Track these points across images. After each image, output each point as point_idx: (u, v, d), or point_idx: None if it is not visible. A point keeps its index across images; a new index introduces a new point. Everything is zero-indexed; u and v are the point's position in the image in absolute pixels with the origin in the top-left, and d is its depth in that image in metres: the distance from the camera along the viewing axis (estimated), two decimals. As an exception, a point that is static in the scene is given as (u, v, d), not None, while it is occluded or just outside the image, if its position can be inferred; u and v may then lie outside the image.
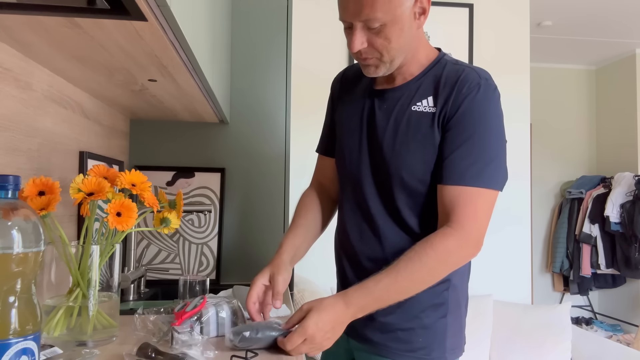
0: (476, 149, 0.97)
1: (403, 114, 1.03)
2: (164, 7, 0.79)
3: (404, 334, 1.05)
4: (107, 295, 1.03)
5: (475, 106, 0.97)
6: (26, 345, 0.66)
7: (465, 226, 0.96)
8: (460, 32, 2.86)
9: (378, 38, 0.96)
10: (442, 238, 0.95)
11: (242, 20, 2.01)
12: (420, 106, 1.02)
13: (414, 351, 1.04)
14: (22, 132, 1.12)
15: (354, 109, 1.13)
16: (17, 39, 1.00)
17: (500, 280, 2.83)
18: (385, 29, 0.95)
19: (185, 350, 0.91)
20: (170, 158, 1.95)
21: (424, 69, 1.06)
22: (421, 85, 1.04)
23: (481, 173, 0.97)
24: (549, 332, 2.64)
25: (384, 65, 1.01)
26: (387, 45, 0.97)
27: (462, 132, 0.97)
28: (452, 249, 0.95)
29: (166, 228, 1.14)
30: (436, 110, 1.00)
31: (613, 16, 3.63)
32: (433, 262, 0.95)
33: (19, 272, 0.66)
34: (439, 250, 0.95)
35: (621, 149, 4.46)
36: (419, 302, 1.03)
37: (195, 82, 1.30)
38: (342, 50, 2.77)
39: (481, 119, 0.98)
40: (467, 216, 0.96)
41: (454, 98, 0.98)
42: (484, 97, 0.98)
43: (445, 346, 1.06)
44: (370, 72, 1.03)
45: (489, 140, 0.98)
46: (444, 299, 1.06)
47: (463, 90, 0.98)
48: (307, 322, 0.90)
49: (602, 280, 4.28)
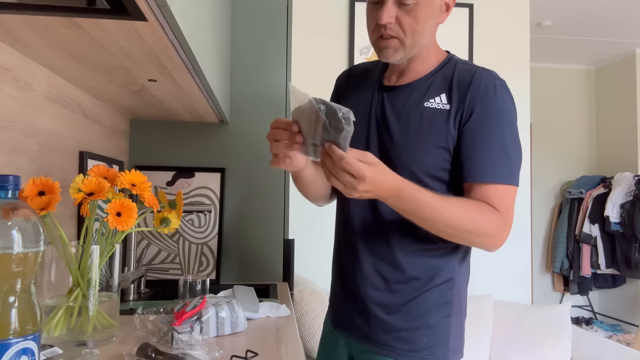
0: (497, 147, 1.00)
1: (415, 109, 1.04)
2: (164, 7, 0.79)
3: (408, 333, 1.04)
4: (107, 295, 1.03)
5: (494, 105, 0.99)
6: (26, 345, 0.66)
7: (504, 214, 0.99)
8: (460, 32, 2.86)
9: (407, 16, 0.98)
10: (494, 211, 0.98)
11: (242, 20, 2.01)
12: (434, 103, 1.02)
13: (417, 351, 1.04)
14: (22, 132, 1.12)
15: (362, 102, 1.12)
16: (17, 39, 1.00)
17: (500, 280, 2.83)
18: (417, 8, 0.97)
19: (189, 351, 0.91)
20: (170, 158, 1.95)
21: (434, 67, 1.07)
22: (433, 83, 1.05)
23: (503, 171, 1.00)
24: (549, 332, 2.63)
25: (403, 50, 1.01)
26: (414, 27, 0.99)
27: (481, 128, 0.99)
28: (495, 221, 0.97)
29: (166, 228, 1.14)
30: (451, 107, 1.01)
31: (613, 16, 3.63)
32: (477, 217, 0.96)
33: (19, 272, 0.66)
34: (489, 213, 0.96)
35: (621, 149, 4.46)
36: (424, 301, 1.04)
37: (195, 82, 1.30)
38: (343, 51, 2.77)
39: (499, 119, 1.00)
40: (503, 209, 0.99)
41: (471, 97, 0.99)
42: (502, 96, 1.01)
43: (448, 347, 1.05)
44: (388, 55, 1.03)
45: (507, 139, 1.01)
46: (448, 298, 1.06)
47: (480, 89, 1.00)
48: (372, 165, 0.85)
49: (602, 280, 4.28)
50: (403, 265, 1.05)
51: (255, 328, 1.17)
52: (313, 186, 1.14)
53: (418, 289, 1.05)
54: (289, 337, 1.10)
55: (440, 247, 1.04)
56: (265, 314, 1.29)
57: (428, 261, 1.05)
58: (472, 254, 1.13)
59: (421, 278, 1.05)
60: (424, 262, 1.05)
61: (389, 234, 1.05)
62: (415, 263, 1.05)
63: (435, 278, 1.05)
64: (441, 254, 1.06)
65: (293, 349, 1.02)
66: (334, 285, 1.21)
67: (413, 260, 1.05)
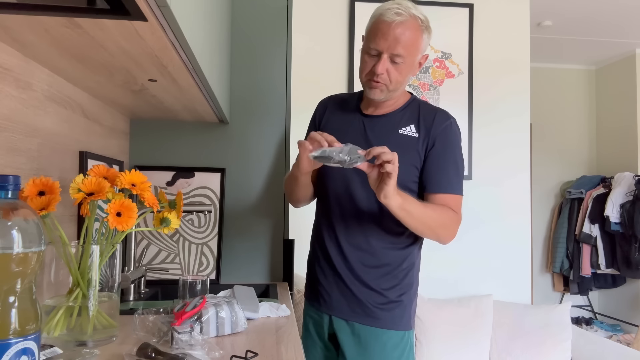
0: (451, 168, 1.33)
1: (392, 134, 1.35)
2: (164, 7, 0.79)
3: (385, 307, 1.35)
4: (107, 295, 1.03)
5: (450, 137, 1.34)
6: (26, 345, 0.67)
7: (458, 214, 1.35)
8: (460, 32, 2.85)
9: (395, 71, 1.28)
10: (452, 211, 1.31)
11: (242, 20, 2.01)
12: (406, 130, 1.35)
13: (393, 321, 1.34)
14: (22, 132, 1.12)
15: (344, 127, 1.40)
16: (17, 39, 1.00)
17: (500, 280, 2.83)
18: (403, 65, 1.28)
19: (189, 351, 0.91)
20: (170, 158, 1.95)
21: (404, 104, 1.39)
22: (404, 115, 1.37)
23: (456, 185, 1.34)
24: (549, 332, 2.63)
25: (387, 93, 1.32)
26: (398, 78, 1.29)
27: (442, 154, 1.33)
28: (455, 219, 1.33)
29: (166, 228, 1.14)
30: (419, 136, 1.34)
31: (613, 16, 3.63)
32: (443, 216, 1.30)
33: (19, 272, 0.66)
34: (450, 212, 1.31)
35: (621, 149, 4.46)
36: (395, 280, 1.36)
37: (195, 82, 1.30)
38: (342, 51, 2.77)
39: (453, 148, 1.35)
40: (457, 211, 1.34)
41: (434, 131, 1.33)
42: (454, 131, 1.36)
43: (411, 317, 1.39)
44: (375, 94, 1.32)
45: (458, 161, 1.36)
46: (411, 279, 1.38)
47: (441, 125, 1.34)
48: None
49: (602, 280, 4.28)
50: (378, 254, 1.35)
51: (255, 328, 1.18)
52: (305, 190, 1.43)
53: (389, 272, 1.35)
54: (289, 337, 1.11)
55: (405, 242, 1.36)
56: (265, 314, 1.29)
57: (397, 252, 1.36)
58: (473, 255, 1.16)
59: (391, 263, 1.35)
60: (395, 253, 1.36)
61: (367, 230, 1.35)
62: (389, 254, 1.35)
63: (403, 263, 1.36)
64: (405, 245, 1.37)
65: (293, 349, 1.02)
66: (315, 271, 1.43)
67: (387, 251, 1.35)
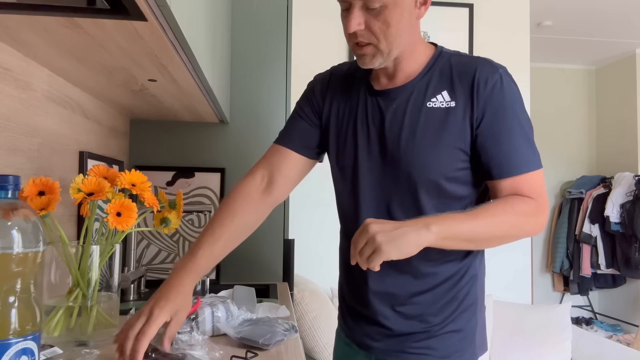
0: (520, 137, 0.96)
1: (418, 111, 0.98)
2: (164, 7, 0.79)
3: (437, 340, 1.02)
4: (107, 295, 1.03)
5: (505, 98, 0.95)
6: (26, 345, 0.66)
7: (538, 200, 0.95)
8: (460, 32, 2.86)
9: (377, 21, 0.91)
10: (525, 201, 0.94)
11: (242, 20, 2.00)
12: (437, 102, 0.97)
13: (448, 356, 1.02)
14: (22, 132, 1.12)
15: (351, 114, 1.06)
16: (17, 39, 0.99)
17: (500, 280, 2.83)
18: (385, 11, 0.90)
19: (189, 351, 0.91)
20: (170, 158, 1.95)
21: (425, 65, 1.01)
22: (431, 81, 0.99)
23: (532, 158, 0.96)
24: (549, 332, 2.63)
25: (381, 55, 0.96)
26: (386, 30, 0.92)
27: (500, 123, 0.95)
28: (531, 211, 0.94)
29: (166, 228, 1.14)
30: (457, 104, 0.96)
31: (613, 16, 3.63)
32: (508, 216, 0.92)
33: (18, 272, 0.66)
34: (519, 207, 0.93)
35: (621, 149, 4.46)
36: (450, 305, 1.02)
37: (195, 82, 1.30)
38: (343, 51, 2.77)
39: (514, 109, 0.96)
40: (536, 195, 0.95)
41: (479, 95, 0.95)
42: (508, 86, 0.97)
43: (475, 344, 1.05)
44: (365, 62, 0.97)
45: (525, 126, 0.97)
46: (474, 297, 1.05)
47: (487, 85, 0.95)
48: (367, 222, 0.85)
49: (602, 280, 4.28)
50: (426, 276, 1.01)
51: (255, 328, 1.17)
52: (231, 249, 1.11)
53: (444, 294, 1.02)
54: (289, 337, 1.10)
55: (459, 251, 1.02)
56: (265, 314, 1.29)
57: (451, 265, 1.02)
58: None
59: (445, 283, 1.02)
60: (448, 267, 1.02)
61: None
62: (438, 271, 1.02)
63: (462, 280, 1.03)
64: (463, 255, 1.03)
65: (293, 349, 1.02)
66: (347, 302, 1.15)
67: (436, 268, 1.01)
